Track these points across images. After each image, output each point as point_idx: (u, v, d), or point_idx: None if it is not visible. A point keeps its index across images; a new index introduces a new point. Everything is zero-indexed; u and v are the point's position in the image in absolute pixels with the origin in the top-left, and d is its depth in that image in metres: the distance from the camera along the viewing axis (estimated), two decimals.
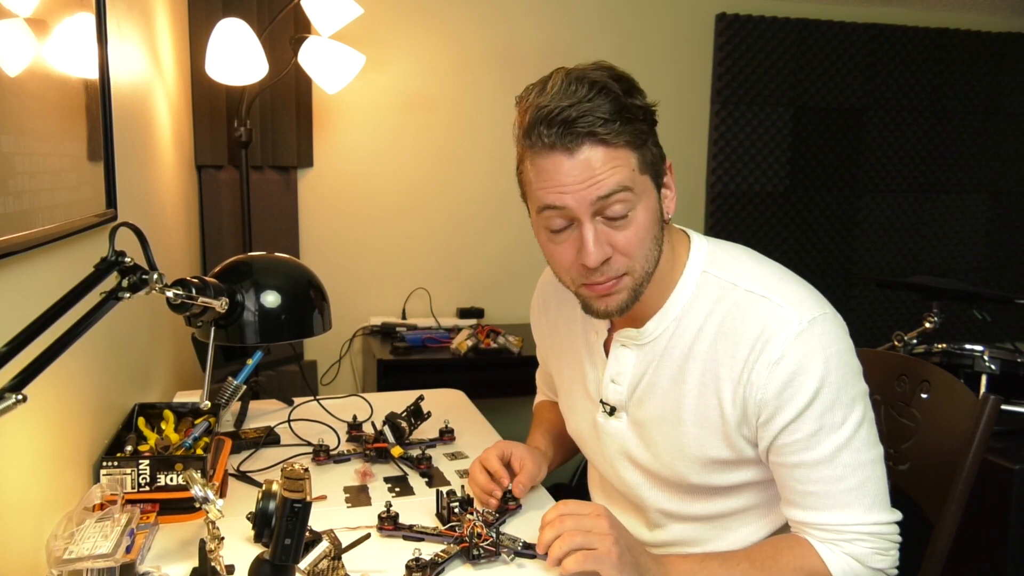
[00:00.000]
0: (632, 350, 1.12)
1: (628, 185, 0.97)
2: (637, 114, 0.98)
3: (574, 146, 0.95)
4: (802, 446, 1.00)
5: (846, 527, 1.01)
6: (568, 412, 1.29)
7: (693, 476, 1.10)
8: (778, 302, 1.01)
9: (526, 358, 2.64)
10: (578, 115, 0.94)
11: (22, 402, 0.64)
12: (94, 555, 0.90)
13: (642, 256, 1.01)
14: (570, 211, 0.98)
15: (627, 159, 0.97)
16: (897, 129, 3.49)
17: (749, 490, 1.11)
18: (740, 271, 1.07)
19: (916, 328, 2.08)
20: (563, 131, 0.95)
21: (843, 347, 1.02)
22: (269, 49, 2.40)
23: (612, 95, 0.96)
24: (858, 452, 1.01)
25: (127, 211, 1.38)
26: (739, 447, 1.05)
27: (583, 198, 0.96)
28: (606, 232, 0.99)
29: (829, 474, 1.00)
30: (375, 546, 1.10)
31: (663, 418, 1.10)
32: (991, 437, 1.20)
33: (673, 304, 1.08)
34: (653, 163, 1.01)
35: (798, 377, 0.98)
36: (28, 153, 0.91)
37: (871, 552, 1.01)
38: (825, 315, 1.02)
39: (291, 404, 1.69)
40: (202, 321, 1.13)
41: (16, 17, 0.90)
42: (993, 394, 1.20)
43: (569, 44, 3.08)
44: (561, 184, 0.97)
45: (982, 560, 1.74)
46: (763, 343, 1.00)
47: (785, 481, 1.04)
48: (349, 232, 2.97)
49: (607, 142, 0.95)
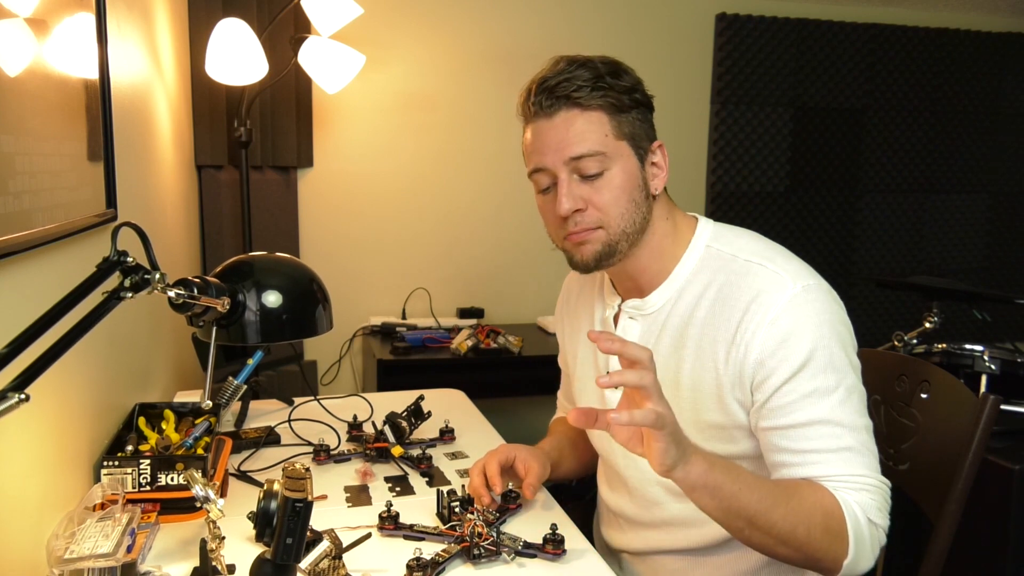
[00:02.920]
0: (638, 321, 1.17)
1: (599, 149, 1.06)
2: (616, 87, 1.07)
3: (552, 110, 1.07)
4: (798, 406, 1.01)
5: (851, 477, 1.01)
6: (579, 393, 1.32)
7: None
8: (773, 269, 1.06)
9: (526, 358, 2.64)
10: (557, 83, 1.06)
11: (24, 402, 0.64)
12: (95, 555, 0.90)
13: (617, 214, 1.08)
14: (549, 170, 1.08)
15: (601, 122, 1.07)
16: (897, 129, 3.49)
17: (744, 463, 1.11)
18: (741, 245, 1.12)
19: (916, 328, 2.08)
20: (544, 97, 1.07)
21: (836, 317, 1.05)
22: (269, 49, 2.40)
23: (592, 68, 1.07)
24: (853, 415, 1.02)
25: (127, 211, 1.38)
26: (732, 411, 1.07)
27: (558, 157, 1.07)
28: (581, 188, 1.08)
29: (826, 431, 1.01)
30: (376, 546, 1.11)
31: (663, 386, 1.11)
32: (991, 437, 1.20)
33: (677, 276, 1.14)
34: (633, 134, 1.09)
35: (792, 338, 1.01)
36: (28, 153, 0.91)
37: (873, 504, 1.01)
38: (820, 286, 1.07)
39: (291, 404, 1.69)
40: (204, 321, 1.13)
41: (16, 17, 0.90)
42: (993, 394, 1.20)
43: (569, 44, 3.06)
44: (542, 146, 1.08)
45: (982, 560, 1.74)
46: (758, 305, 1.03)
47: (780, 443, 1.03)
48: (349, 232, 2.97)
49: (581, 104, 1.06)
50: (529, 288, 3.14)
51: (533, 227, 3.13)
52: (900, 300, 3.56)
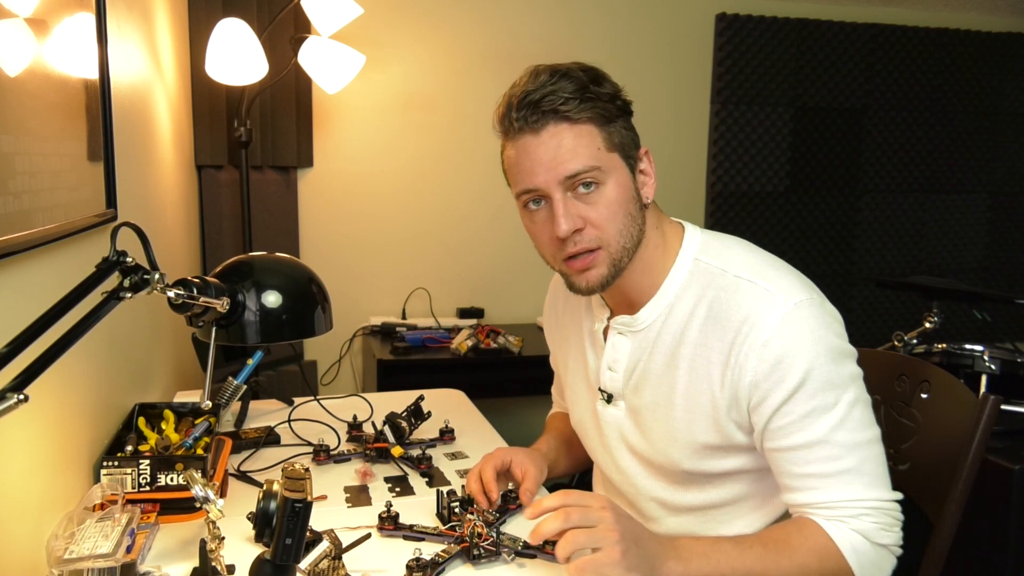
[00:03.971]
0: (627, 337, 1.14)
1: (594, 164, 1.01)
2: (601, 96, 1.03)
3: (539, 126, 1.01)
4: (796, 428, 1.01)
5: (848, 503, 1.01)
6: (572, 404, 1.30)
7: (685, 462, 1.10)
8: (764, 286, 1.03)
9: (526, 358, 2.64)
10: (541, 96, 1.00)
11: (24, 402, 0.64)
12: (95, 555, 0.90)
13: (615, 230, 1.04)
14: (542, 190, 1.03)
15: (592, 136, 1.02)
16: (897, 129, 3.49)
17: (740, 480, 1.11)
18: (730, 258, 1.09)
19: (916, 328, 2.08)
20: (529, 112, 1.01)
21: (831, 331, 1.02)
22: (269, 49, 2.40)
23: (575, 78, 1.02)
24: (853, 432, 1.01)
25: (127, 211, 1.38)
26: (727, 432, 1.06)
27: (552, 177, 1.01)
28: (577, 206, 1.03)
29: (825, 454, 1.00)
30: (375, 546, 1.10)
31: (657, 404, 1.11)
32: (991, 437, 1.20)
33: (665, 291, 1.10)
34: (622, 144, 1.05)
35: (786, 359, 0.99)
36: (28, 153, 0.91)
37: (876, 527, 1.01)
38: (812, 300, 1.03)
39: (291, 404, 1.69)
40: (203, 321, 1.12)
41: (16, 17, 0.90)
42: (993, 394, 1.20)
43: (569, 44, 3.08)
44: (532, 165, 1.02)
45: (982, 560, 1.74)
46: (750, 326, 1.01)
47: (782, 466, 1.04)
48: (349, 232, 2.97)
49: (570, 118, 1.01)
50: (529, 288, 3.14)
51: None
52: (900, 300, 3.56)
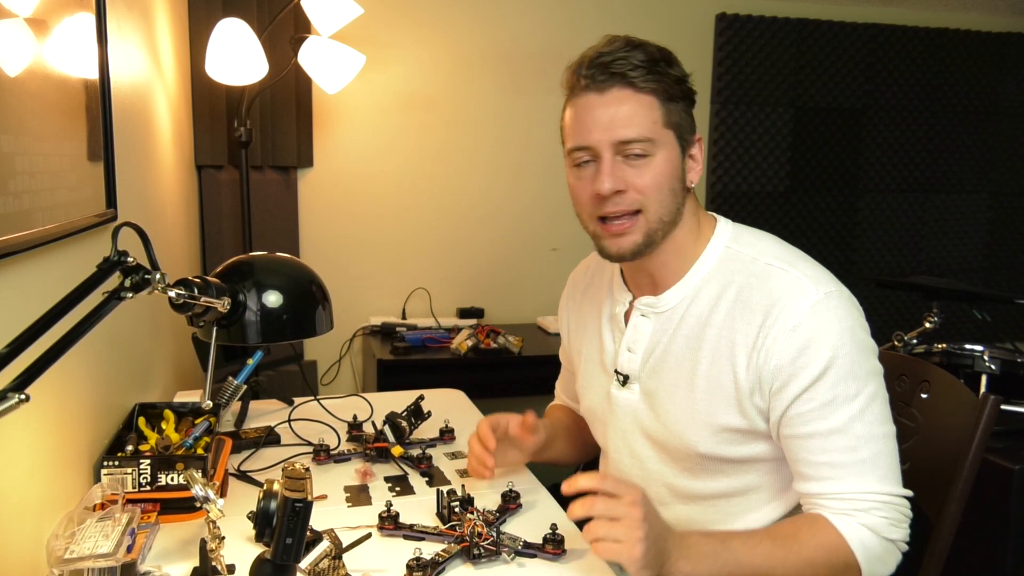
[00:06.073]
0: (650, 319, 1.16)
1: (649, 135, 1.05)
2: (669, 75, 1.06)
3: (605, 87, 1.05)
4: (816, 415, 1.02)
5: (860, 495, 1.01)
6: (584, 391, 1.31)
7: (702, 445, 1.10)
8: (795, 274, 1.05)
9: (526, 358, 2.64)
10: (612, 59, 1.04)
11: (24, 402, 0.64)
12: (95, 555, 0.90)
13: (657, 200, 1.06)
14: (594, 148, 1.06)
15: (652, 108, 1.05)
16: (897, 129, 3.49)
17: (755, 469, 1.12)
18: (762, 248, 1.12)
19: (916, 328, 2.08)
20: (598, 71, 1.05)
21: (858, 324, 1.05)
22: (269, 49, 2.40)
23: (648, 52, 1.06)
24: (871, 425, 1.02)
25: (127, 211, 1.38)
26: (750, 416, 1.06)
27: (606, 137, 1.05)
28: (624, 169, 1.06)
29: (842, 444, 1.01)
30: (376, 545, 1.11)
31: (676, 385, 1.11)
32: (991, 437, 1.20)
33: (694, 275, 1.13)
34: (679, 124, 1.08)
35: (813, 345, 1.01)
36: (28, 153, 0.91)
37: (885, 522, 1.02)
38: (841, 292, 1.05)
39: (291, 404, 1.69)
40: (204, 321, 1.12)
41: (16, 17, 0.90)
42: (993, 394, 1.20)
43: (569, 44, 3.06)
44: (590, 123, 1.06)
45: (982, 560, 1.74)
46: (779, 310, 1.03)
47: (798, 454, 1.05)
48: (349, 232, 2.97)
49: (635, 85, 1.04)
50: (529, 288, 3.14)
51: (533, 227, 3.14)
52: (900, 300, 3.56)
